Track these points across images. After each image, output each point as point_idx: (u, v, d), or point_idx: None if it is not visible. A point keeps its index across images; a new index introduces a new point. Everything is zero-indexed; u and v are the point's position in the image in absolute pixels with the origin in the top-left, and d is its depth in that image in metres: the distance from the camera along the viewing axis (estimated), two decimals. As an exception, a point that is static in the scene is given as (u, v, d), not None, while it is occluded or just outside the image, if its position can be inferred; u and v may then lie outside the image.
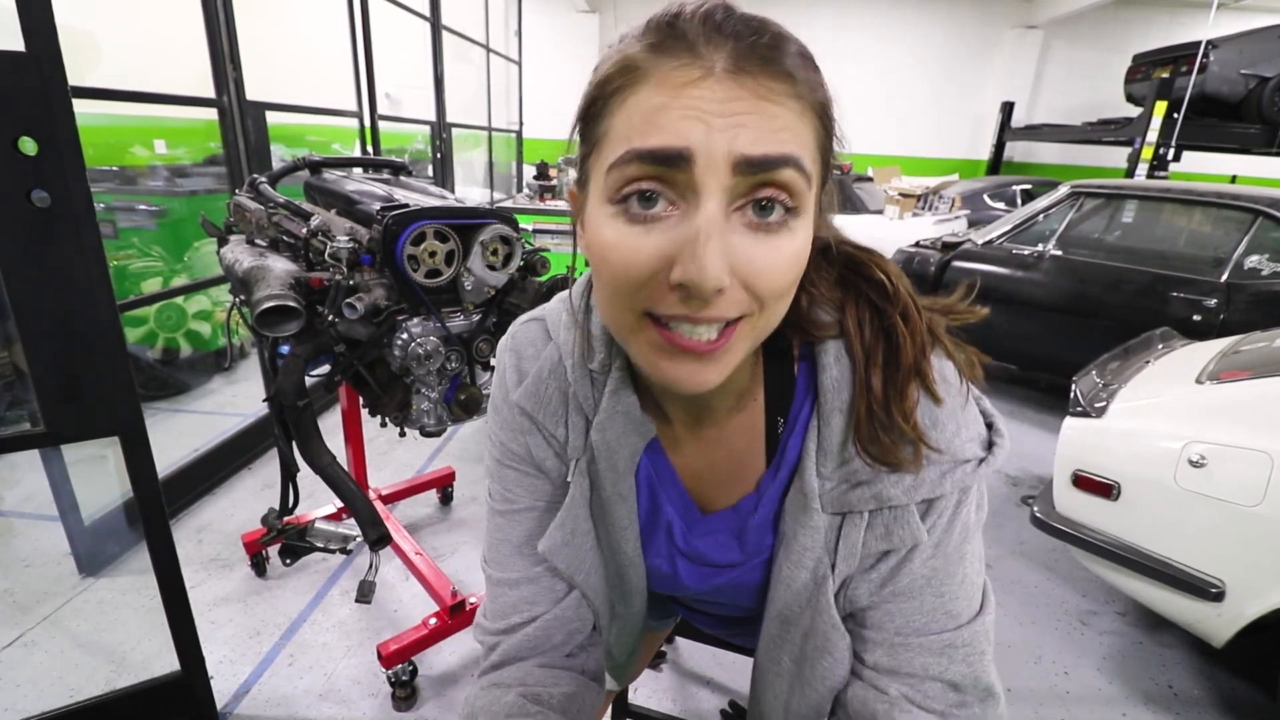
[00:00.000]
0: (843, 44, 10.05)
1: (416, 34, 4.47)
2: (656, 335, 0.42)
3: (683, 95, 0.38)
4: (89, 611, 1.77)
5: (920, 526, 0.50)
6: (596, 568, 0.63)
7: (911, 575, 0.51)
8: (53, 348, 1.07)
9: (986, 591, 0.56)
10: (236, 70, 2.41)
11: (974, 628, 0.52)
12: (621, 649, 0.77)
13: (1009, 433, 0.52)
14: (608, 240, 0.41)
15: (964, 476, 0.49)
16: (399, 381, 1.40)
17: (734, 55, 0.39)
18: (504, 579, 0.63)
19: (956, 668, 0.52)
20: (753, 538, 0.58)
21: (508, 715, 0.56)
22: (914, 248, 3.82)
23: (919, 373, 0.48)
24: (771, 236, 0.40)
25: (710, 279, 0.37)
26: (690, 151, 0.38)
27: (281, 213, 1.50)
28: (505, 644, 0.62)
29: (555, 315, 0.60)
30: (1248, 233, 2.76)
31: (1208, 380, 1.62)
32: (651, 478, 0.60)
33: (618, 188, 0.40)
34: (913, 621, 0.52)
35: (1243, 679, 1.72)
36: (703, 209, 0.38)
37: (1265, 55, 6.07)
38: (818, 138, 0.42)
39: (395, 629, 1.73)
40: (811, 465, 0.51)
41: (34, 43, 0.96)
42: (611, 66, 0.42)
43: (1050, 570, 2.15)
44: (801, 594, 0.55)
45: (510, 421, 0.61)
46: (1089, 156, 10.17)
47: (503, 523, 0.64)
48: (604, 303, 0.45)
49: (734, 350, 0.43)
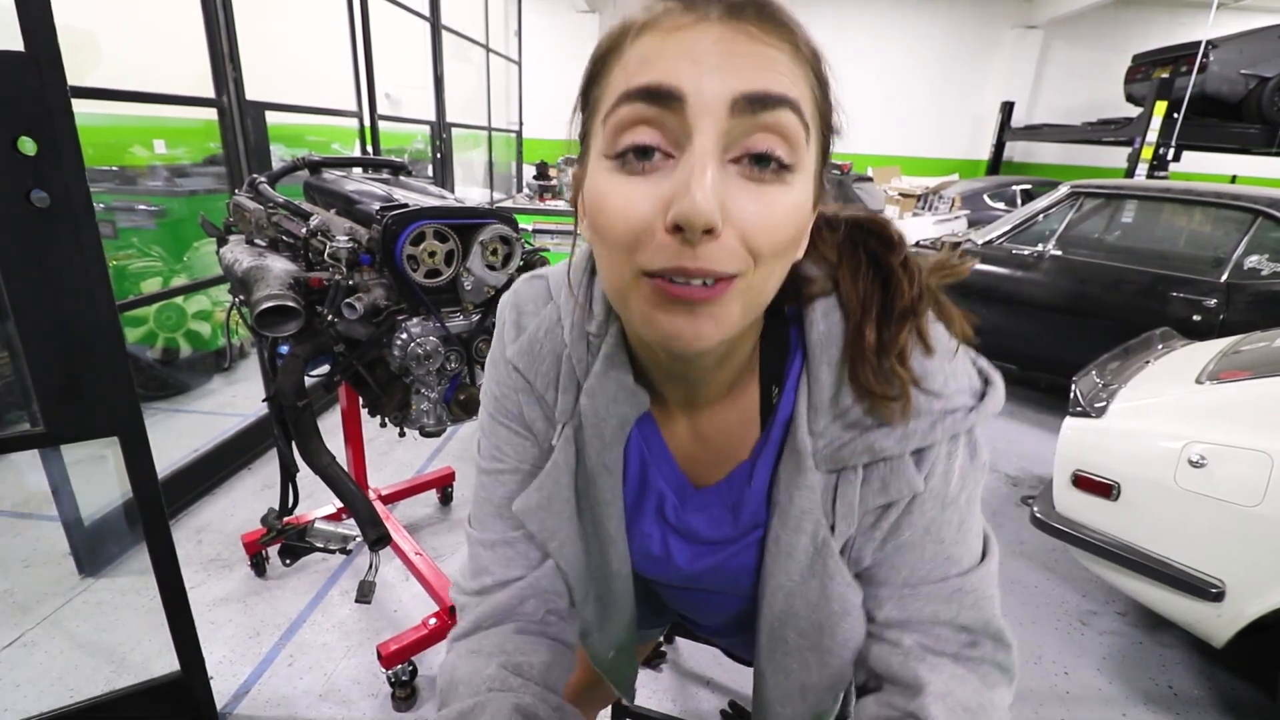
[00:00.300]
0: (843, 44, 10.05)
1: (416, 34, 4.47)
2: (650, 288, 0.41)
3: (675, 38, 0.39)
4: (89, 611, 1.77)
5: (916, 476, 0.50)
6: (573, 539, 0.63)
7: (912, 527, 0.52)
8: (53, 348, 1.07)
9: (989, 539, 0.56)
10: (236, 70, 2.41)
11: (979, 573, 0.53)
12: (605, 642, 0.74)
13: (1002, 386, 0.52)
14: (604, 191, 0.41)
15: (954, 424, 0.49)
16: (399, 381, 1.40)
17: (728, 4, 0.39)
18: (482, 539, 0.63)
19: (966, 613, 0.53)
20: (748, 509, 0.57)
21: (490, 689, 0.56)
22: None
23: (915, 314, 0.49)
24: (768, 187, 0.40)
25: (702, 211, 0.37)
26: (680, 90, 0.38)
27: (281, 213, 1.50)
28: (479, 608, 0.62)
29: (559, 275, 0.59)
30: (1247, 233, 2.76)
31: (1208, 380, 1.62)
32: (643, 451, 0.59)
33: (614, 136, 0.41)
34: (918, 571, 0.53)
35: (1243, 679, 1.72)
36: (695, 148, 0.38)
37: (1265, 55, 6.07)
38: (814, 92, 0.42)
39: (395, 629, 1.73)
40: (803, 423, 0.51)
41: (34, 43, 0.96)
42: (609, 33, 0.43)
43: (1050, 570, 2.15)
44: (804, 562, 0.54)
45: (504, 377, 0.61)
46: (1089, 156, 10.17)
47: (487, 481, 0.63)
48: (602, 262, 0.45)
49: (726, 307, 0.42)
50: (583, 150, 0.46)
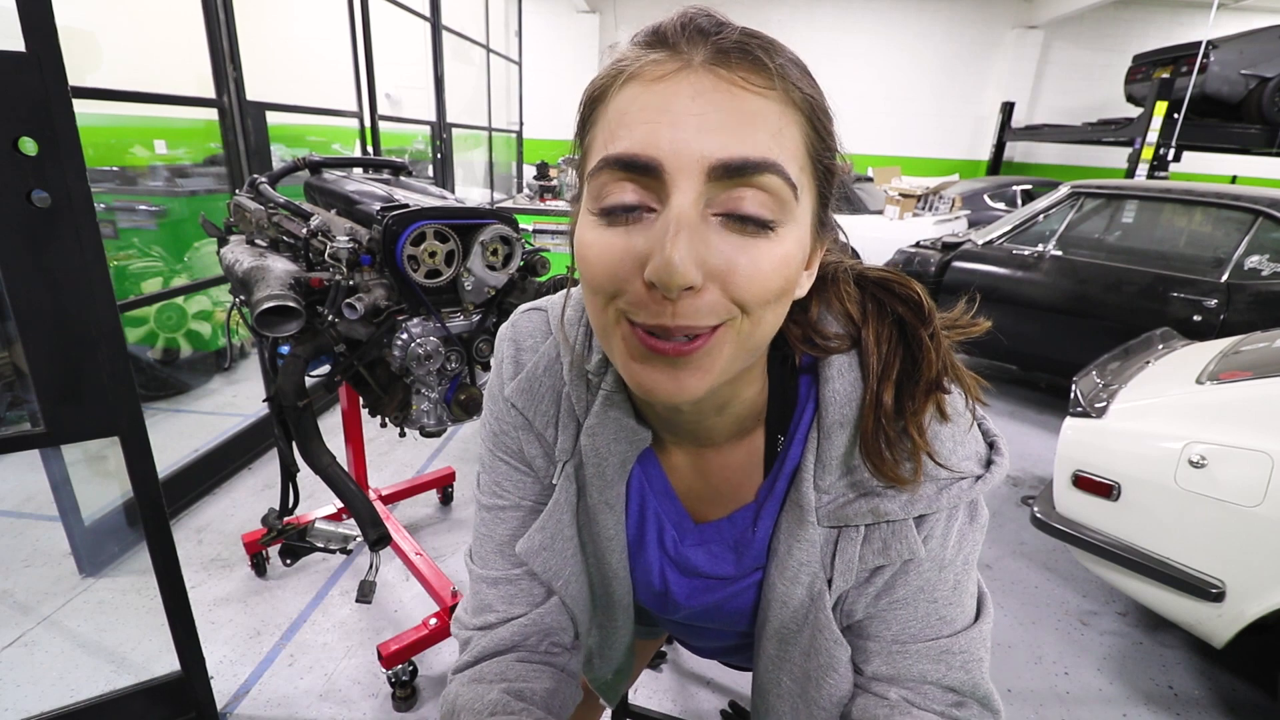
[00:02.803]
0: (843, 44, 10.06)
1: (416, 34, 4.48)
2: (629, 330, 0.41)
3: (656, 91, 0.38)
4: (89, 611, 1.77)
5: (917, 541, 0.49)
6: (578, 576, 0.62)
7: (907, 586, 0.51)
8: (53, 348, 1.07)
9: (984, 601, 0.55)
10: (236, 70, 2.41)
11: (970, 634, 0.52)
12: (606, 665, 0.75)
13: (1009, 454, 0.52)
14: (588, 241, 0.41)
15: (960, 493, 0.49)
16: (399, 382, 1.41)
17: (714, 49, 0.38)
18: (484, 575, 0.63)
19: (954, 674, 0.52)
20: (751, 553, 0.57)
21: (491, 713, 0.56)
22: (914, 248, 3.82)
23: (940, 387, 0.48)
24: (752, 239, 0.39)
25: (677, 273, 0.36)
26: (656, 161, 0.37)
27: (281, 213, 1.50)
28: (482, 641, 0.61)
29: (558, 309, 0.59)
30: (1248, 233, 2.76)
31: (1208, 380, 1.62)
32: (643, 486, 0.59)
33: (597, 198, 0.40)
34: (909, 628, 0.52)
35: (1243, 679, 1.72)
36: (673, 206, 0.37)
37: (1265, 55, 6.07)
38: (807, 140, 0.41)
39: (395, 629, 1.73)
40: (809, 478, 0.51)
41: (34, 43, 0.96)
42: (599, 75, 0.42)
43: (1050, 570, 2.15)
44: (799, 611, 0.54)
45: (503, 414, 0.60)
46: (1089, 157, 10.17)
47: (488, 517, 0.63)
48: (588, 305, 0.45)
49: (715, 356, 0.41)
50: (578, 194, 0.46)
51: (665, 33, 0.40)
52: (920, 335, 0.49)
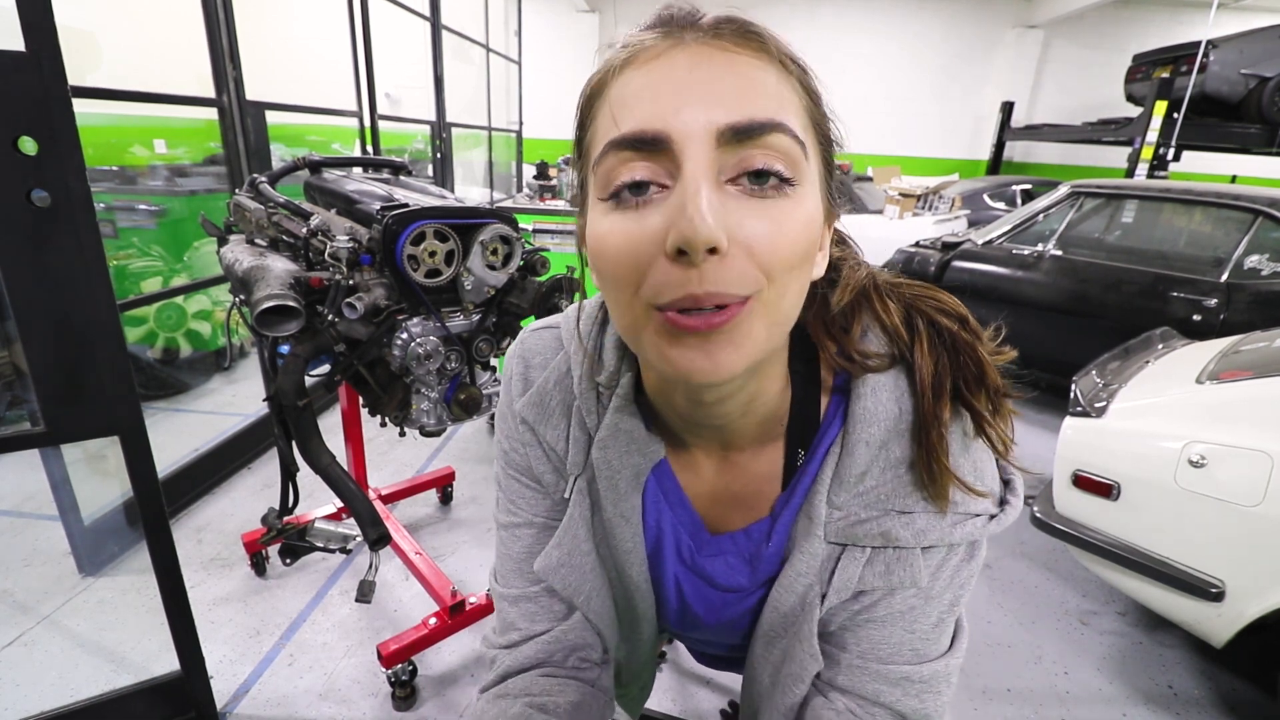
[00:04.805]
0: (843, 44, 10.05)
1: (416, 34, 4.48)
2: (661, 321, 0.40)
3: (654, 68, 0.38)
4: (89, 611, 1.77)
5: (922, 570, 0.49)
6: (600, 591, 0.62)
7: (889, 608, 0.51)
8: (53, 348, 1.07)
9: (959, 634, 0.55)
10: (236, 70, 2.41)
11: (935, 666, 0.52)
12: (633, 679, 0.74)
13: (1023, 492, 0.52)
14: (603, 231, 0.40)
15: (973, 530, 0.49)
16: (399, 381, 1.40)
17: (709, 26, 0.39)
18: (506, 594, 0.63)
19: (908, 701, 0.51)
20: (765, 566, 0.56)
21: None
22: (914, 248, 3.82)
23: (1004, 393, 0.48)
24: (771, 202, 0.38)
25: (701, 229, 0.35)
26: (664, 133, 0.37)
27: (281, 212, 1.50)
28: (505, 659, 0.61)
29: (569, 325, 0.59)
30: (1248, 233, 2.76)
31: (1208, 380, 1.62)
32: (658, 498, 0.58)
33: (605, 184, 0.40)
34: (878, 649, 0.52)
35: (1243, 679, 1.72)
36: (687, 174, 0.37)
37: (1265, 55, 6.06)
38: (805, 106, 0.41)
39: (395, 629, 1.73)
40: (824, 491, 0.50)
41: (34, 43, 0.96)
42: (594, 76, 0.43)
43: (1050, 570, 2.15)
44: (787, 617, 0.54)
45: (512, 431, 0.60)
46: (1089, 156, 10.17)
47: (505, 535, 0.63)
48: (612, 304, 0.43)
49: (746, 330, 0.39)
50: (582, 199, 0.45)
51: (654, 21, 0.41)
52: (978, 353, 0.49)
